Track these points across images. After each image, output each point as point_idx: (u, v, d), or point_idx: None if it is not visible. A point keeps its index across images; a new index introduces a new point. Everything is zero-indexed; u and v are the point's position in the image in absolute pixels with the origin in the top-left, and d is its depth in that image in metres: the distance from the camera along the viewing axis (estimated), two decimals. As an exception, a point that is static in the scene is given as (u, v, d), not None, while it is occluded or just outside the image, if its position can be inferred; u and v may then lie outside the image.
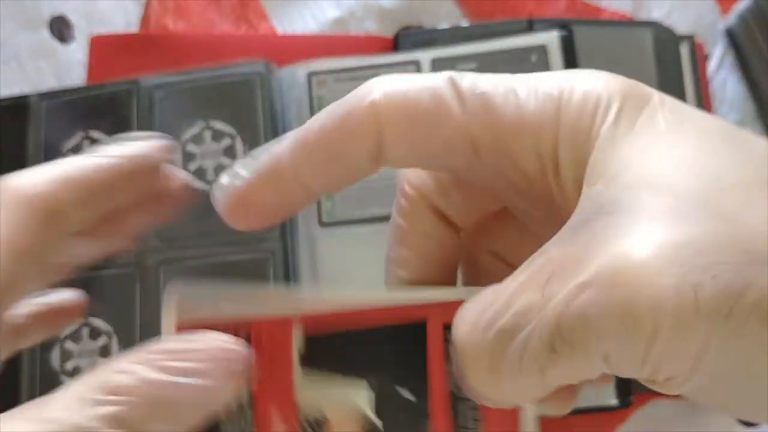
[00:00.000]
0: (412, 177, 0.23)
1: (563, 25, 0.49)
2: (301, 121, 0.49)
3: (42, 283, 0.24)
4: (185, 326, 0.21)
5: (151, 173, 0.25)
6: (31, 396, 0.45)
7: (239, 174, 0.21)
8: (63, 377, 0.45)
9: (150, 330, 0.45)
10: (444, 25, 0.53)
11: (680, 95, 0.51)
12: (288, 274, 0.46)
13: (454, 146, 0.20)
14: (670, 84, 0.51)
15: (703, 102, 0.52)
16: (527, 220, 0.22)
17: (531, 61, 0.48)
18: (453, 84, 0.20)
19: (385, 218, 0.47)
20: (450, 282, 0.23)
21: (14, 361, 0.46)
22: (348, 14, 0.55)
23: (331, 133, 0.21)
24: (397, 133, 0.20)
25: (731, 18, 0.56)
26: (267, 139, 0.47)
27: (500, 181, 0.20)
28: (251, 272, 0.45)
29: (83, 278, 0.46)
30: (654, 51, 0.51)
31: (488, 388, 0.18)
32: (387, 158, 0.20)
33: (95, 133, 0.49)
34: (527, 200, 0.21)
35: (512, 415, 0.21)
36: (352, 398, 0.21)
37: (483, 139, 0.19)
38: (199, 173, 0.48)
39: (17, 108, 0.50)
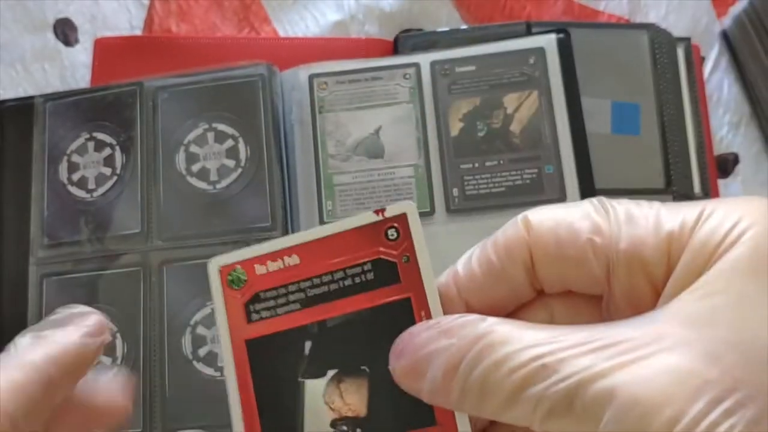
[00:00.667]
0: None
1: (561, 28, 0.50)
2: (302, 123, 0.50)
3: None
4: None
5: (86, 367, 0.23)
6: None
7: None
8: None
9: (154, 328, 0.46)
10: (443, 28, 0.54)
11: (677, 97, 0.52)
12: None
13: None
14: (667, 86, 0.51)
15: (699, 104, 0.53)
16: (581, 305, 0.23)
17: (529, 63, 0.49)
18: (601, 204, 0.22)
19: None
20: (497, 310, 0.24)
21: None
22: (349, 17, 0.55)
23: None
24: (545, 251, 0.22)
25: (727, 21, 0.56)
26: (269, 141, 0.48)
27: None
28: (253, 271, 0.46)
29: (88, 277, 0.47)
30: (650, 53, 0.52)
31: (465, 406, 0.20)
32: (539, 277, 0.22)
33: (99, 135, 0.49)
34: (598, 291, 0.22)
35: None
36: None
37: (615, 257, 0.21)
38: (202, 174, 0.48)
39: (22, 109, 0.50)
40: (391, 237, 0.23)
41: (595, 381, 0.18)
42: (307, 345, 0.23)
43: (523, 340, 0.20)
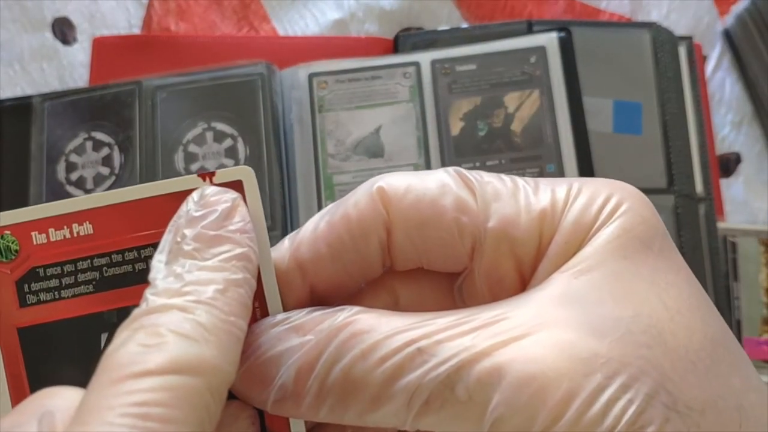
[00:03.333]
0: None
1: (562, 27, 0.50)
2: (302, 122, 0.50)
3: None
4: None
5: None
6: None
7: None
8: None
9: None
10: (444, 27, 0.54)
11: (679, 96, 0.51)
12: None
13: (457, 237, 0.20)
14: (669, 85, 0.51)
15: (701, 103, 0.52)
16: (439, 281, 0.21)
17: (530, 62, 0.49)
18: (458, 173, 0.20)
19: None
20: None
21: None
22: (348, 16, 0.55)
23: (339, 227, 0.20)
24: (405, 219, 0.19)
25: (729, 19, 0.56)
26: (268, 140, 0.48)
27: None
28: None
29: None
30: (652, 52, 0.51)
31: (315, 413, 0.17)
32: (394, 249, 0.20)
33: (97, 134, 0.49)
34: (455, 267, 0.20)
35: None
36: None
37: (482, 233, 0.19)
38: (201, 174, 0.48)
39: (20, 109, 0.50)
40: None
41: (479, 361, 0.16)
42: (104, 338, 0.18)
43: (391, 325, 0.17)
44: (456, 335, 0.17)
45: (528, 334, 0.17)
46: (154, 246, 0.18)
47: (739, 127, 0.55)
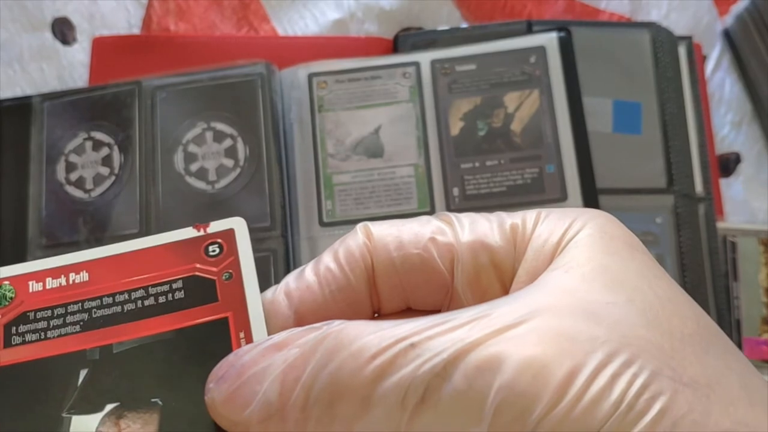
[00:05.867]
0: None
1: (562, 27, 0.50)
2: (301, 122, 0.50)
3: None
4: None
5: None
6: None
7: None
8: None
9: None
10: (443, 27, 0.54)
11: (678, 96, 0.52)
12: (289, 272, 0.46)
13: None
14: (668, 85, 0.51)
15: (701, 103, 0.52)
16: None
17: (530, 62, 0.49)
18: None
19: (384, 218, 0.47)
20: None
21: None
22: (348, 16, 0.55)
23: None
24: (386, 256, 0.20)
25: (729, 19, 0.56)
26: (268, 140, 0.48)
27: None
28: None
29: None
30: (652, 52, 0.51)
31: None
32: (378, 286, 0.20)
33: (97, 134, 0.49)
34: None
35: None
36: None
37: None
38: (201, 174, 0.48)
39: (20, 109, 0.50)
40: (211, 253, 0.20)
41: (476, 349, 0.16)
42: (82, 374, 0.18)
43: (382, 326, 0.17)
44: (448, 329, 0.16)
45: (522, 322, 0.16)
46: (145, 289, 0.19)
47: (739, 126, 0.55)
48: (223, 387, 0.17)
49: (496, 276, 0.19)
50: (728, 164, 0.54)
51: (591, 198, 0.46)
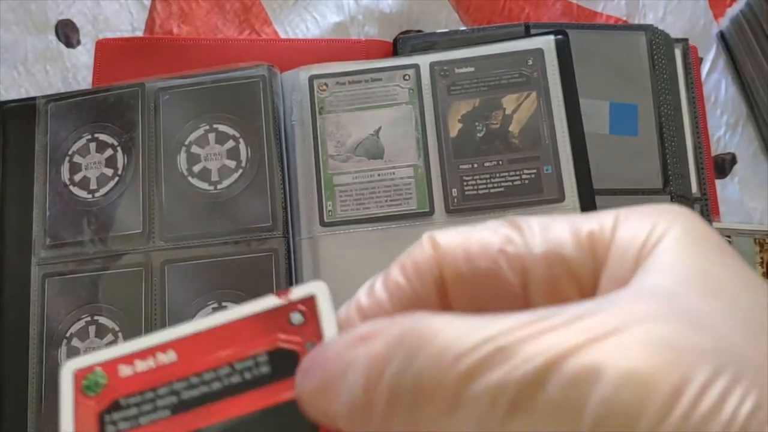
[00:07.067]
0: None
1: (559, 30, 0.50)
2: (302, 124, 0.51)
3: None
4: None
5: None
6: (39, 393, 0.46)
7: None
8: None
9: (156, 327, 0.46)
10: (443, 30, 0.54)
11: (674, 98, 0.52)
12: (290, 272, 0.47)
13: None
14: (664, 87, 0.52)
15: (697, 105, 0.53)
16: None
17: (528, 64, 0.49)
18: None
19: (383, 218, 0.48)
20: None
21: (21, 359, 0.46)
22: (349, 19, 0.56)
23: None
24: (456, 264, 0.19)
25: (724, 22, 0.57)
26: (270, 141, 0.48)
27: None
28: (254, 271, 0.46)
29: (90, 277, 0.47)
30: (648, 54, 0.52)
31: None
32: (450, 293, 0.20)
33: (101, 136, 0.50)
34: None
35: None
36: None
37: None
38: (203, 175, 0.48)
39: (24, 110, 0.51)
40: (295, 322, 0.19)
41: (572, 356, 0.15)
42: None
43: (467, 324, 0.16)
44: (542, 331, 0.15)
45: (621, 330, 0.15)
46: (232, 365, 0.19)
47: (735, 128, 0.56)
48: (309, 380, 0.17)
49: (574, 285, 0.18)
50: (724, 165, 0.55)
51: (588, 199, 0.47)
